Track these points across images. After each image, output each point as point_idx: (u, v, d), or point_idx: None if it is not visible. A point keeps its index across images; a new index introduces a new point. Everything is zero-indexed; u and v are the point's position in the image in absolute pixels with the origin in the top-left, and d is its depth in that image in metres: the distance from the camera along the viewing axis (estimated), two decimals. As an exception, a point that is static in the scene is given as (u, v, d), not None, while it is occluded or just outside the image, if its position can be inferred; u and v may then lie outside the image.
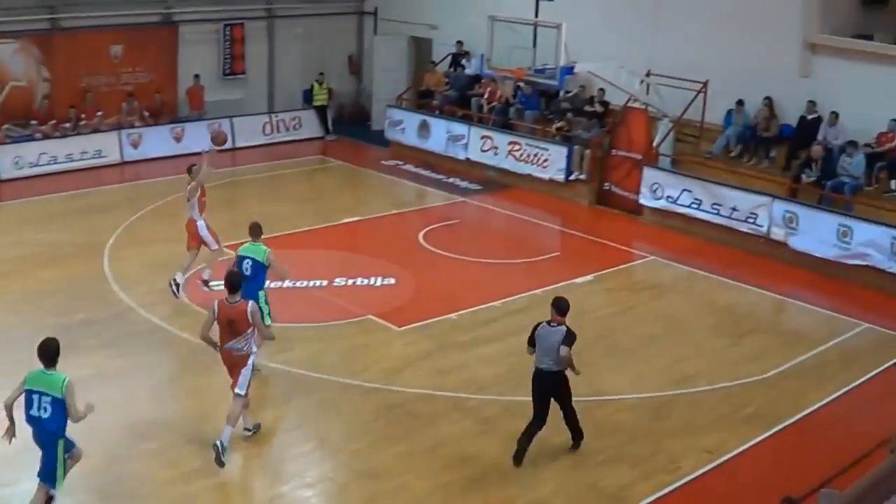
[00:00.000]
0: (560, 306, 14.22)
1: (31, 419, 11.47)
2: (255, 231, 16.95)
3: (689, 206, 24.76)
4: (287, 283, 19.22)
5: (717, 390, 16.49)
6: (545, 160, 27.92)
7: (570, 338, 13.95)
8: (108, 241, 22.62)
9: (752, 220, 23.80)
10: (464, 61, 33.10)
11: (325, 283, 20.26)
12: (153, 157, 30.07)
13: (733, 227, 24.15)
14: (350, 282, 20.42)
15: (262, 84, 35.16)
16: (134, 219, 24.45)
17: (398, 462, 14.03)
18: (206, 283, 19.10)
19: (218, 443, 13.30)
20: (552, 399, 14.16)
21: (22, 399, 11.45)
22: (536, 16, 26.57)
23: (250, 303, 13.89)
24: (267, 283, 16.57)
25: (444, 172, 29.27)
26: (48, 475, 11.61)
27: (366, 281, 20.52)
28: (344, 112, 37.02)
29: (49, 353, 11.42)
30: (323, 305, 19.14)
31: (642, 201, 26.06)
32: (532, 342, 14.17)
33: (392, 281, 20.64)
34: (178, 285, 19.01)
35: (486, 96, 31.03)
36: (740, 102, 26.45)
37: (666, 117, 26.87)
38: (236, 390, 13.72)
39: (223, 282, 14.01)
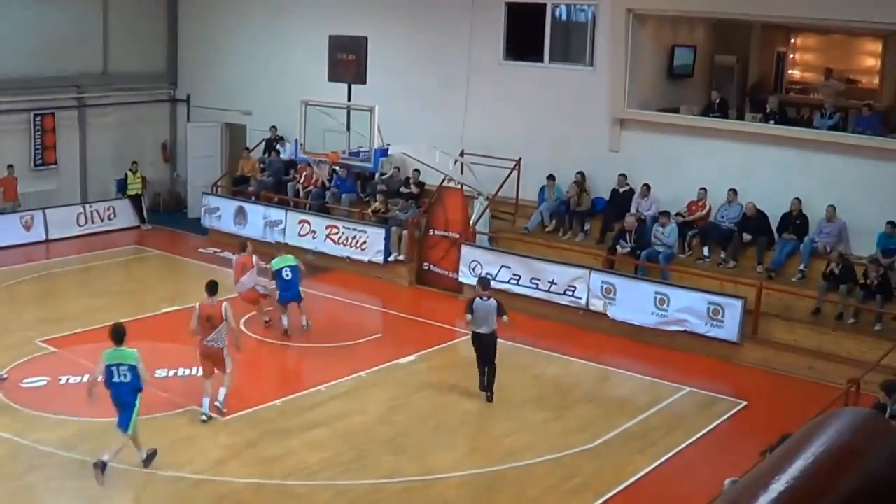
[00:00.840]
0: (484, 282, 19.64)
1: (114, 385, 15.37)
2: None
3: (508, 282, 24.95)
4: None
5: (545, 462, 16.54)
6: (363, 242, 27.92)
7: (501, 308, 18.81)
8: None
9: (570, 293, 24.13)
10: (278, 146, 33.04)
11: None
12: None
13: (553, 301, 24.43)
14: (171, 372, 19.95)
15: (74, 174, 34.41)
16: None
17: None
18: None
19: (218, 403, 17.78)
20: (488, 352, 18.96)
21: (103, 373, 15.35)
22: (349, 99, 26.59)
23: (224, 303, 17.92)
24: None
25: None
26: (125, 424, 15.34)
27: (187, 371, 20.04)
28: (159, 200, 36.54)
29: (118, 335, 15.54)
30: (145, 398, 18.64)
31: (462, 279, 26.17)
32: (471, 310, 18.71)
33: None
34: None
35: (301, 181, 31.00)
36: (551, 177, 26.91)
37: (481, 195, 27.16)
38: (226, 371, 17.79)
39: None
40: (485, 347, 18.97)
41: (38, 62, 32.35)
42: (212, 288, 18.20)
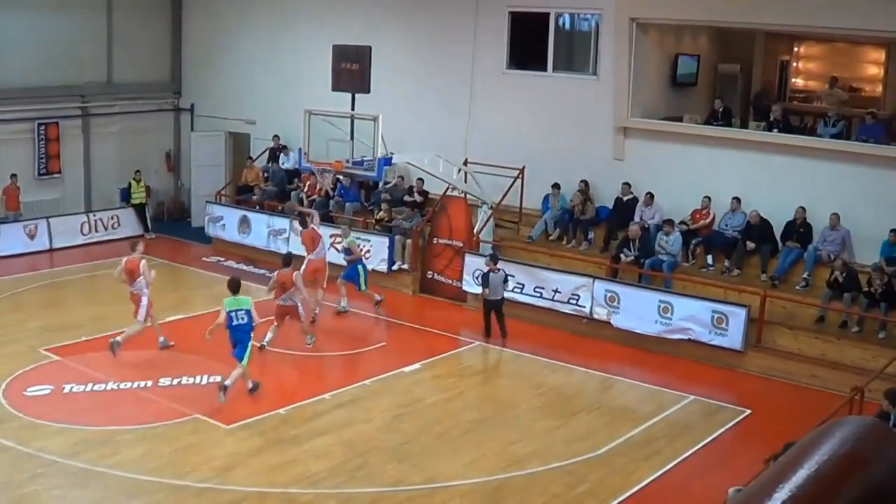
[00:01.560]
0: (494, 256, 23.70)
1: (232, 327, 19.00)
2: (348, 229, 26.13)
3: (511, 291, 24.88)
4: (111, 385, 19.26)
5: (549, 470, 16.51)
6: (367, 251, 27.87)
7: (507, 277, 23.43)
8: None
9: (574, 302, 24.13)
10: (281, 156, 33.03)
11: (149, 383, 19.78)
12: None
13: (556, 309, 24.43)
14: (175, 381, 19.95)
15: (78, 183, 34.46)
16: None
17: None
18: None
19: (308, 342, 22.28)
20: (500, 311, 23.39)
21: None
22: (353, 108, 26.66)
23: (295, 273, 21.79)
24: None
25: (266, 267, 28.72)
26: (241, 356, 18.96)
27: (191, 379, 20.07)
28: (163, 209, 36.61)
29: (235, 285, 19.57)
30: (148, 406, 18.68)
31: (465, 288, 26.19)
32: (487, 283, 23.14)
33: (218, 378, 20.23)
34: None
35: (305, 190, 30.99)
36: (556, 186, 26.94)
37: (485, 204, 27.17)
38: (301, 320, 22.09)
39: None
40: (497, 310, 23.28)
41: (43, 71, 32.44)
42: (286, 260, 22.41)
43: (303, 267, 23.41)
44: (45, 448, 16.54)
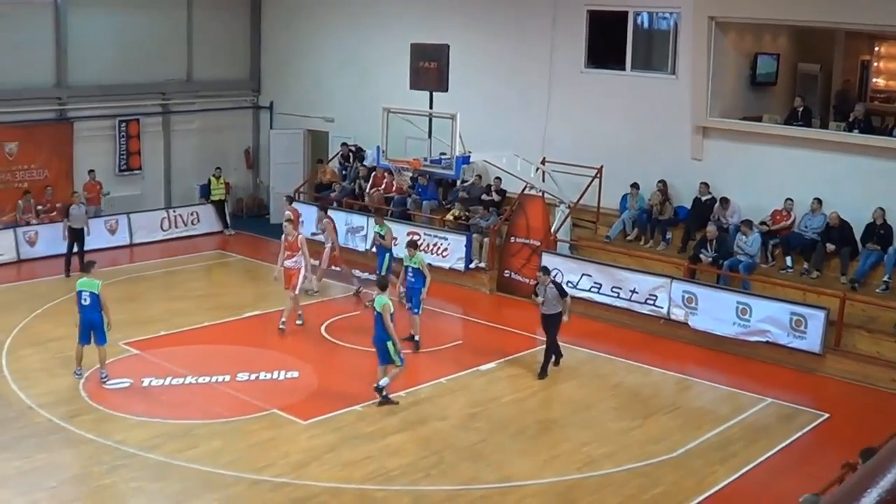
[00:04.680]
0: (545, 269, 21.72)
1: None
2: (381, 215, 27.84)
3: (588, 290, 24.91)
4: (189, 379, 19.48)
5: (624, 472, 16.45)
6: (445, 249, 27.96)
7: (561, 290, 21.03)
8: (6, 341, 21.99)
9: (651, 302, 24.03)
10: (363, 154, 33.14)
11: (227, 378, 19.96)
12: (49, 255, 29.21)
13: (634, 310, 24.35)
14: (253, 376, 20.13)
15: (158, 179, 35.00)
16: (31, 317, 23.88)
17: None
18: None
19: None
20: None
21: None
22: (431, 106, 26.70)
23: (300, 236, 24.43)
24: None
25: (344, 264, 28.99)
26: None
27: (269, 375, 20.22)
28: (242, 206, 36.94)
29: (413, 244, 22.83)
30: (226, 401, 18.83)
31: (542, 287, 26.13)
32: (537, 293, 20.97)
33: (296, 374, 20.39)
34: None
35: (383, 188, 31.09)
36: (635, 186, 26.85)
37: (563, 203, 27.12)
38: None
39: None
40: (546, 325, 21.16)
41: (124, 69, 32.93)
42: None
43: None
44: (123, 441, 16.76)
